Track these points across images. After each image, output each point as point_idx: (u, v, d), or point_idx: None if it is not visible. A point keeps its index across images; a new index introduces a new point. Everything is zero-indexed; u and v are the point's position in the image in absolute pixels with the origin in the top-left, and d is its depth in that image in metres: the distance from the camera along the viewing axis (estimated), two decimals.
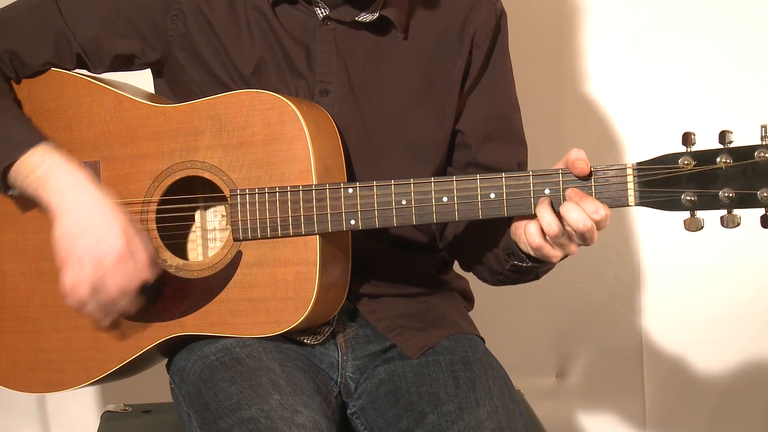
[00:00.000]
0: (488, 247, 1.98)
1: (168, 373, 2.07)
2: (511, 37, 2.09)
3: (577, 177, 1.75)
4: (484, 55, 2.05)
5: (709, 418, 3.11)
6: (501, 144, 2.08)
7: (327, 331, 2.02)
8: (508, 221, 1.86)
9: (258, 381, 1.85)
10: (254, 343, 1.93)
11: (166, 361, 2.09)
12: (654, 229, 3.03)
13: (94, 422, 2.38)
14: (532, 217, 1.79)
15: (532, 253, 1.83)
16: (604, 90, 3.02)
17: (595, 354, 3.14)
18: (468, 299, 2.22)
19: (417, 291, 2.10)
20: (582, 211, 1.73)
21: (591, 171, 1.75)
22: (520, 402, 1.98)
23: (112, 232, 1.88)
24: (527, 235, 1.79)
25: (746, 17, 2.97)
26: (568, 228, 1.75)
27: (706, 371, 3.09)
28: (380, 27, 2.00)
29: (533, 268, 1.91)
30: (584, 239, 1.75)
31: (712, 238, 2.32)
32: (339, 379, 2.04)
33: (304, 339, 2.01)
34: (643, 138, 3.01)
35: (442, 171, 2.08)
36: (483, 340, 2.13)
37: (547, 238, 1.78)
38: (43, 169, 1.91)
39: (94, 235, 1.87)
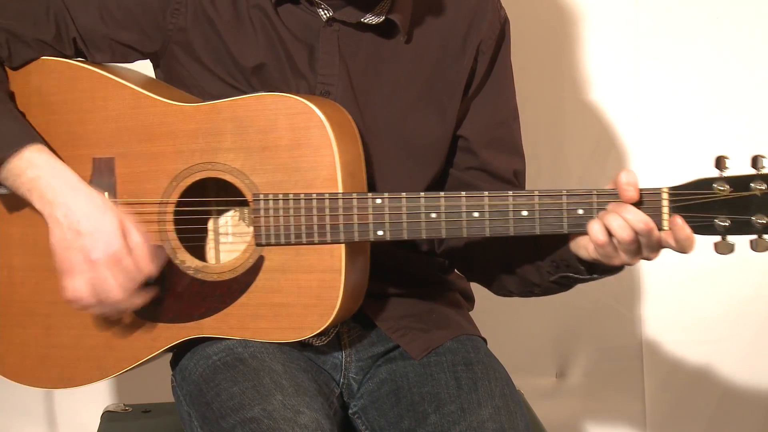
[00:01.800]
0: (527, 260, 1.97)
1: (171, 369, 2.07)
2: (511, 40, 2.09)
3: (623, 201, 1.74)
4: (488, 62, 2.06)
5: (709, 418, 3.13)
6: (499, 153, 2.08)
7: (333, 333, 2.03)
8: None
9: (260, 381, 1.85)
10: (257, 343, 1.93)
11: (170, 357, 2.09)
12: None
13: (95, 422, 2.38)
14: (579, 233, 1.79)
15: (597, 256, 1.80)
16: (604, 92, 3.02)
17: (595, 354, 3.14)
18: (468, 299, 2.22)
19: (420, 291, 2.10)
20: (636, 212, 1.72)
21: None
22: (522, 403, 1.99)
23: (106, 232, 1.85)
24: (591, 232, 1.75)
25: (746, 17, 2.98)
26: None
27: (706, 371, 3.11)
28: (385, 30, 1.99)
29: (585, 279, 1.90)
30: (651, 241, 1.74)
31: (712, 238, 2.33)
32: (341, 380, 2.05)
33: (310, 340, 2.00)
34: (644, 140, 3.02)
35: (441, 174, 2.08)
36: (485, 340, 2.14)
37: (615, 242, 1.75)
38: (34, 171, 1.88)
39: (87, 238, 1.84)
